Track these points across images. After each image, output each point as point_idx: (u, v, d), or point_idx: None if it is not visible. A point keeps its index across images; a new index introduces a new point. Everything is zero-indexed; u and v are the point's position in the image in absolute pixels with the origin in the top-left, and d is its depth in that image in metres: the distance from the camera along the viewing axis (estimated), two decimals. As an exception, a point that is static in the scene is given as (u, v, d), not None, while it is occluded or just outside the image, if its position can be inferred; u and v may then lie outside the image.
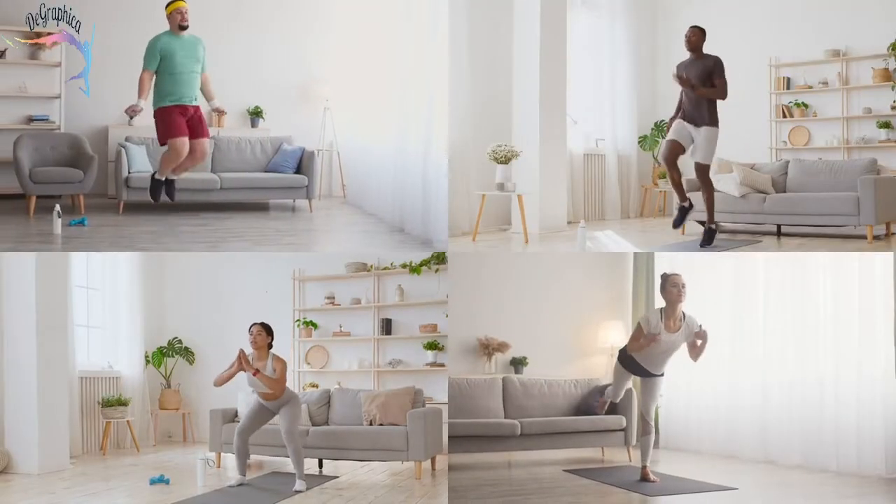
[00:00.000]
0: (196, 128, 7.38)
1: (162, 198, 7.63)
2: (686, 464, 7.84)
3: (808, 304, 7.72)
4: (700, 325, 6.48)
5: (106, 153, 10.15)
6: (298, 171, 9.99)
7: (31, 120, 9.85)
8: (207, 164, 9.94)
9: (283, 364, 6.77)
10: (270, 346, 6.82)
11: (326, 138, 11.15)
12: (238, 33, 10.89)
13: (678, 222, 8.24)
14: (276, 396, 6.75)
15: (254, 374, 6.61)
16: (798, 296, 7.81)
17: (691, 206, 8.16)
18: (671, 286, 6.45)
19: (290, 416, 6.74)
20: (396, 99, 8.71)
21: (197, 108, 7.42)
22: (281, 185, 9.83)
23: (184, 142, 7.30)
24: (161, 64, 7.22)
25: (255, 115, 11.07)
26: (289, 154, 10.12)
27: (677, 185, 8.06)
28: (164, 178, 7.52)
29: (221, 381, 6.79)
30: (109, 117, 10.34)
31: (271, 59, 11.07)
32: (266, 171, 10.12)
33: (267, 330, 6.81)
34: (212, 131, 10.43)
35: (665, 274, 6.57)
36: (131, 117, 7.35)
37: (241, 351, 6.67)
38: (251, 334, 6.75)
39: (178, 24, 7.28)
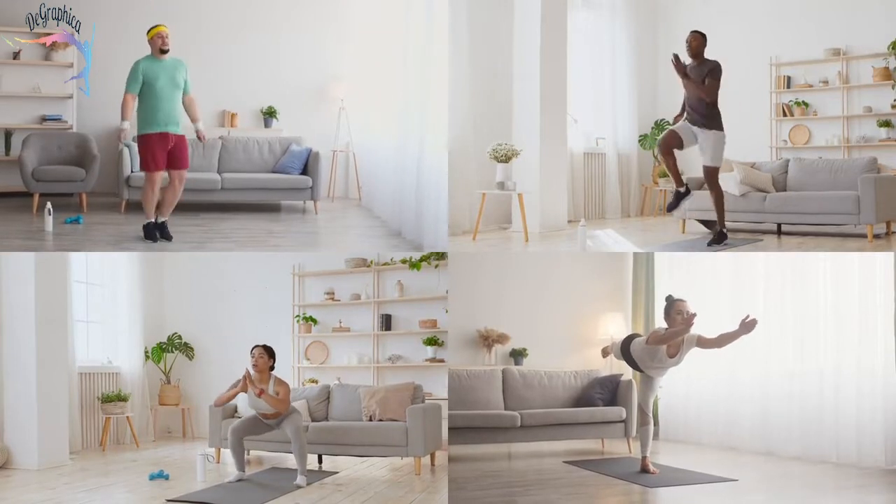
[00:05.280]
0: (176, 158, 7.46)
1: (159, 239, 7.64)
2: (686, 455, 7.89)
3: (808, 299, 7.73)
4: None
5: (117, 153, 10.15)
6: (305, 172, 9.79)
7: (44, 120, 9.89)
8: (213, 164, 9.91)
9: (286, 387, 6.75)
10: (272, 368, 6.80)
11: (342, 139, 10.98)
12: (252, 33, 10.83)
13: (673, 206, 8.15)
14: (277, 415, 6.75)
15: (258, 395, 6.58)
16: (798, 292, 7.82)
17: (688, 191, 8.09)
18: (676, 313, 6.38)
19: (294, 427, 6.71)
20: (400, 99, 8.69)
21: (180, 138, 7.48)
22: (284, 186, 9.63)
23: (159, 176, 7.44)
24: (143, 88, 7.31)
25: (269, 115, 10.94)
26: (296, 155, 9.92)
27: (673, 170, 8.00)
28: (155, 221, 7.57)
29: (222, 402, 6.87)
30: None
31: (286, 59, 10.96)
32: (273, 172, 9.92)
33: (269, 352, 6.78)
34: (222, 131, 10.49)
35: (670, 297, 6.50)
36: (121, 140, 7.52)
37: (248, 371, 6.64)
38: (252, 357, 6.73)
39: (159, 48, 7.35)
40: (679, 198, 8.08)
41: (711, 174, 7.87)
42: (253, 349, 6.77)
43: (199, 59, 9.82)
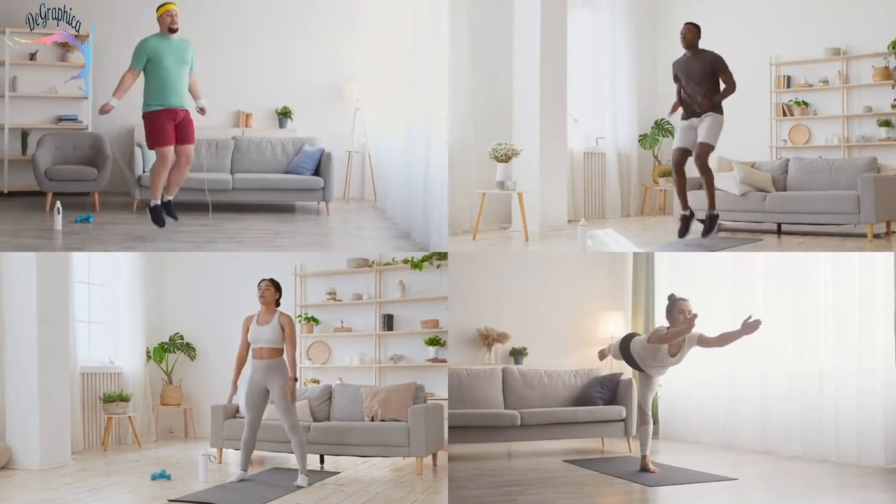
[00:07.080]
0: (183, 133, 7.44)
1: (167, 221, 7.63)
2: (686, 454, 7.90)
3: (808, 299, 7.74)
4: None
5: (130, 153, 10.14)
6: (317, 172, 9.68)
7: (59, 120, 9.93)
8: (226, 165, 9.91)
9: (290, 320, 6.71)
10: (278, 302, 6.79)
11: (358, 139, 10.89)
12: (267, 34, 10.79)
13: (682, 233, 8.21)
14: (275, 354, 6.65)
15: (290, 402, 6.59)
16: (798, 292, 7.83)
17: (692, 214, 8.18)
18: (678, 312, 6.39)
19: (281, 391, 6.56)
20: (406, 99, 8.67)
21: (186, 112, 7.45)
22: (296, 186, 9.53)
23: (170, 150, 7.42)
24: (149, 66, 7.28)
25: (284, 115, 10.87)
26: (308, 155, 9.82)
27: (681, 192, 8.08)
28: (161, 202, 7.56)
29: (235, 380, 6.79)
30: (136, 118, 10.27)
31: (301, 59, 10.90)
32: (286, 173, 9.81)
33: (275, 286, 6.78)
34: (237, 131, 10.46)
35: (673, 296, 6.51)
36: (102, 113, 7.36)
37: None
38: (259, 289, 6.73)
39: (168, 26, 7.32)
40: (686, 222, 8.16)
41: (705, 151, 7.79)
42: (260, 282, 6.77)
43: (214, 59, 9.83)
